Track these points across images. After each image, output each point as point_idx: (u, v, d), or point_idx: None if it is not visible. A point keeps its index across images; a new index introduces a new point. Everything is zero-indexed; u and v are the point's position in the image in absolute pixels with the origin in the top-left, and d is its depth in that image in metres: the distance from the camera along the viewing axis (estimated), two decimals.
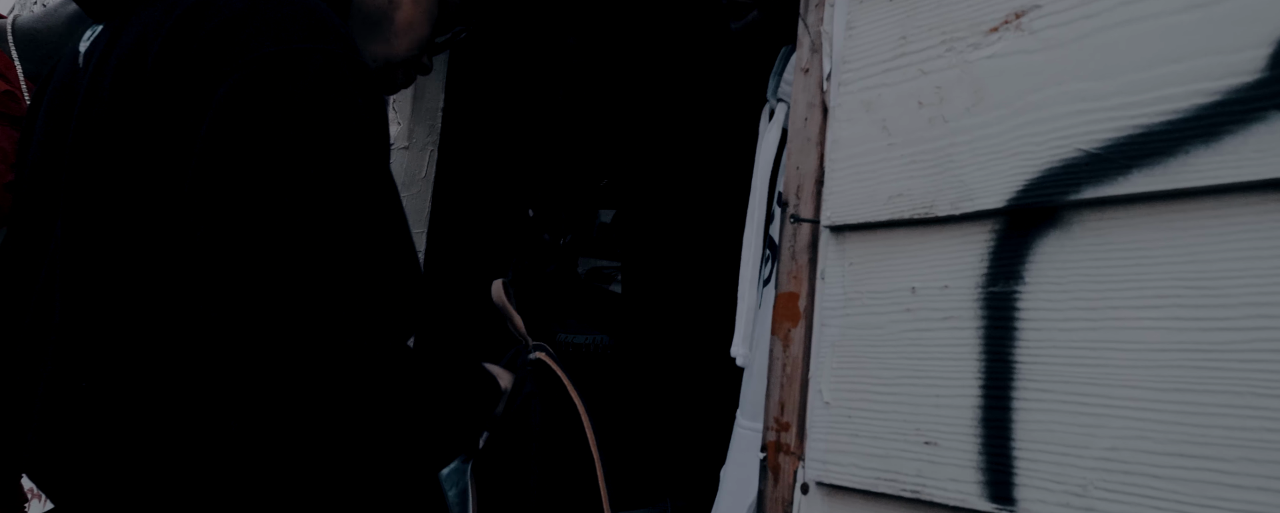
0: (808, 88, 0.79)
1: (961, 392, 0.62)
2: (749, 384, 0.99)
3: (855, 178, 0.72)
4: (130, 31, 0.71)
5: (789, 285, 0.78)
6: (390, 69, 0.91)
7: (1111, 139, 0.56)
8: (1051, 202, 0.58)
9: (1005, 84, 0.63)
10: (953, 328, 0.63)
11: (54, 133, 0.75)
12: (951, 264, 0.64)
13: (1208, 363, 0.50)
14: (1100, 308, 0.55)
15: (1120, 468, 0.53)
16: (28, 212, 0.77)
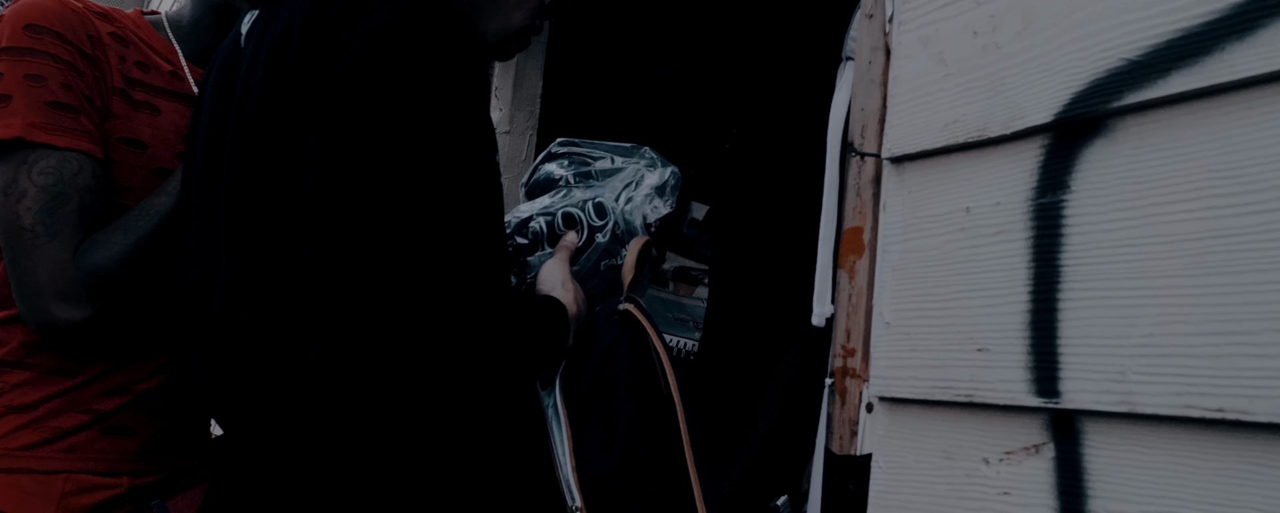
0: (871, 32, 0.84)
1: (1011, 300, 0.65)
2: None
3: (914, 110, 0.76)
4: (281, 15, 0.79)
5: (854, 220, 0.83)
6: (507, 39, 0.98)
7: (1153, 45, 0.59)
8: (1096, 111, 0.61)
9: (1053, 6, 0.66)
10: (1004, 241, 0.67)
11: (219, 107, 0.84)
12: (1003, 182, 0.68)
13: (1238, 247, 0.52)
14: (1139, 207, 0.58)
15: (1156, 352, 0.55)
16: (198, 178, 0.86)
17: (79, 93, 0.92)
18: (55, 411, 0.95)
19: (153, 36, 1.03)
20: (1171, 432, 0.54)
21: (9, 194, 0.89)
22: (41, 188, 0.88)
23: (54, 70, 0.90)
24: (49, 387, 0.95)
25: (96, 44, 0.94)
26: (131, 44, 0.99)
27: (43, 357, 0.95)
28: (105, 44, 0.95)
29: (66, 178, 0.89)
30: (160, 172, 0.99)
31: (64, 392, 0.95)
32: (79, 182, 0.90)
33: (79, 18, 0.93)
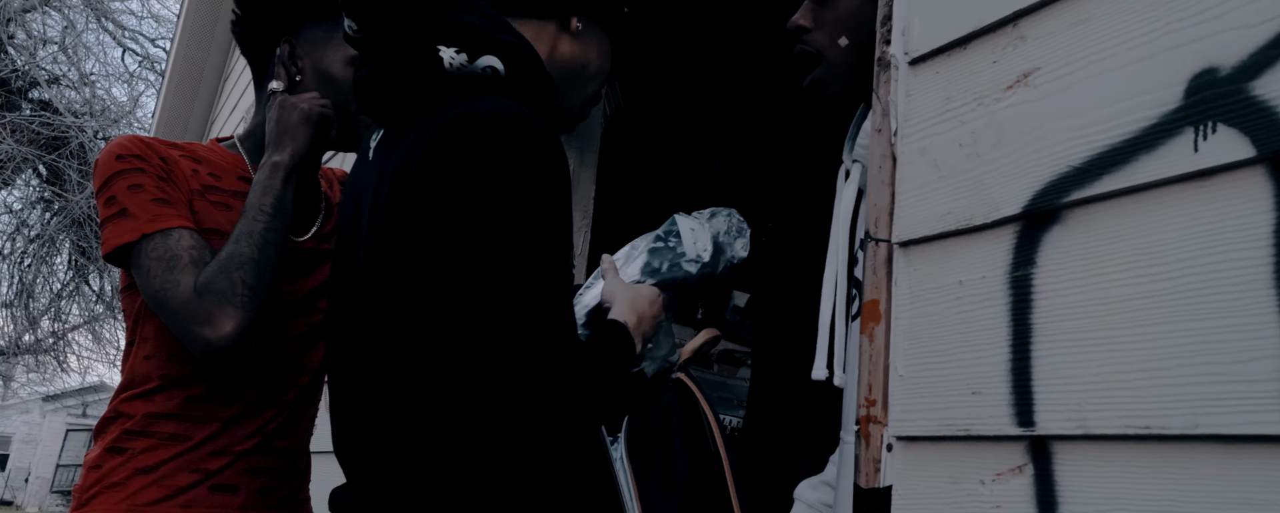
0: (880, 143, 1.04)
1: (997, 352, 0.82)
2: (848, 404, 1.18)
3: (916, 204, 0.95)
4: (404, 142, 0.93)
5: (872, 294, 1.01)
6: (587, 103, 1.15)
7: (1090, 155, 0.78)
8: (1052, 205, 0.80)
9: (1019, 125, 0.86)
10: (989, 306, 0.84)
11: (354, 213, 1.02)
12: (987, 260, 0.86)
13: (1156, 305, 0.70)
14: (1087, 277, 0.76)
15: (1102, 386, 0.72)
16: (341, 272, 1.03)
17: (171, 192, 1.14)
18: (172, 471, 1.13)
19: (222, 154, 1.24)
20: (1115, 448, 0.71)
21: (144, 278, 1.10)
22: (156, 259, 1.09)
23: (148, 179, 1.13)
24: (167, 451, 1.14)
25: (168, 162, 1.16)
26: (203, 161, 1.21)
27: (162, 425, 1.14)
28: (177, 162, 1.18)
29: (172, 245, 1.10)
30: None
31: (178, 454, 1.14)
32: (182, 244, 1.10)
33: (149, 146, 1.16)
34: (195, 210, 1.17)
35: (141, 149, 1.15)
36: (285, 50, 1.24)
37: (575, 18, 1.08)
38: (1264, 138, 0.66)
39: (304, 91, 1.24)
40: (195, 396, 1.15)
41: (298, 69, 1.24)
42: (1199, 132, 0.70)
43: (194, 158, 1.21)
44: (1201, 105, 0.70)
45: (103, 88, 10.05)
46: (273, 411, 1.20)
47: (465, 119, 0.88)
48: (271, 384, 1.20)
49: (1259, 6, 0.68)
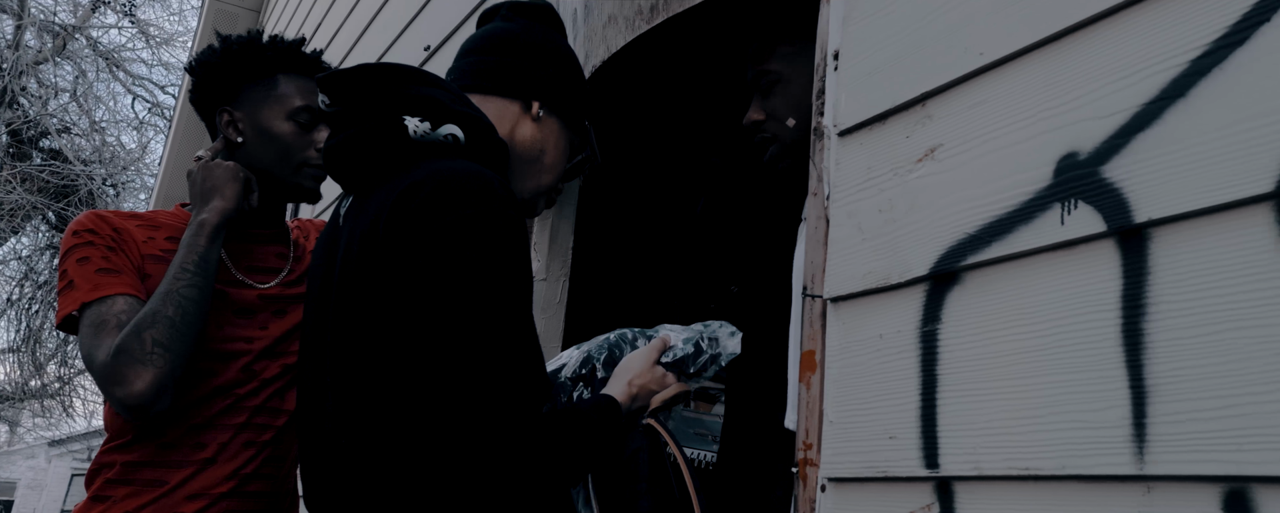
0: (815, 206, 1.14)
1: (909, 400, 0.91)
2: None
3: (844, 263, 1.05)
4: (371, 204, 1.00)
5: (809, 345, 1.10)
6: (538, 195, 1.21)
7: (980, 225, 0.88)
8: (952, 267, 0.90)
9: (928, 194, 0.96)
10: (904, 357, 0.94)
11: (324, 275, 1.09)
12: (902, 315, 0.95)
13: (1032, 359, 0.79)
14: (981, 333, 0.85)
15: (992, 432, 0.81)
16: (311, 327, 1.11)
17: (117, 261, 1.23)
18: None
19: (182, 216, 1.34)
20: (1003, 487, 0.80)
21: (80, 343, 1.21)
22: (88, 325, 1.19)
23: (95, 251, 1.23)
24: (145, 496, 1.22)
25: (120, 233, 1.26)
26: (161, 227, 1.30)
27: (141, 473, 1.23)
28: (130, 232, 1.27)
29: (104, 311, 1.19)
30: None
31: (155, 499, 1.22)
32: (114, 309, 1.19)
33: (102, 220, 1.26)
34: (147, 274, 1.25)
35: (94, 223, 1.25)
36: (223, 118, 1.34)
37: (537, 103, 1.16)
38: (1112, 215, 0.75)
39: (249, 151, 1.34)
40: (169, 442, 1.23)
41: (238, 131, 1.33)
42: (1064, 207, 0.80)
43: (152, 226, 1.30)
44: (1066, 184, 0.80)
45: (112, 135, 10.27)
46: (249, 453, 1.27)
47: (429, 179, 0.97)
48: (246, 427, 1.28)
49: (1112, 100, 0.78)
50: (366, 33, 3.13)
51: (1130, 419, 0.71)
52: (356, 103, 1.07)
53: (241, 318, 1.29)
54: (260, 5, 5.39)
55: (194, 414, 1.25)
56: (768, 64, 1.36)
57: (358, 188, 1.11)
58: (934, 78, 0.97)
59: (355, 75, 1.07)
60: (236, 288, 1.30)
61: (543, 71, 1.18)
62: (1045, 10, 0.86)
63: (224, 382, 1.26)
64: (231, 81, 1.33)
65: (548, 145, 1.18)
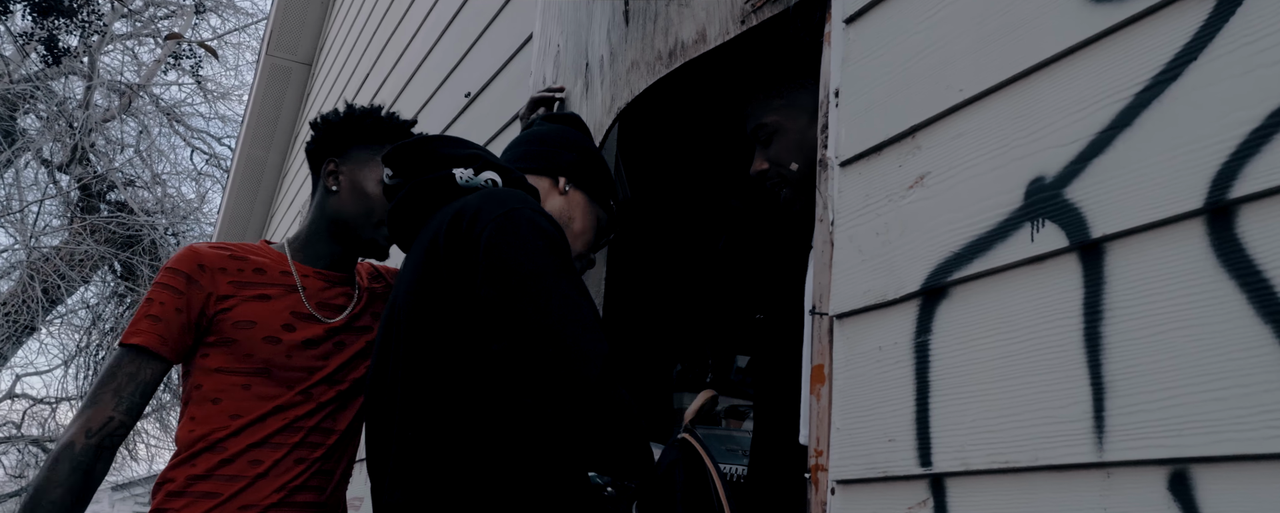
0: (821, 231, 1.24)
1: (905, 405, 1.00)
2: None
3: (846, 283, 1.14)
4: (427, 233, 1.22)
5: (818, 359, 1.19)
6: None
7: (963, 243, 0.97)
8: (940, 283, 0.99)
9: (918, 218, 1.05)
10: (901, 367, 1.02)
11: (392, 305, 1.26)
12: (898, 328, 1.04)
13: (1010, 363, 0.88)
14: (965, 342, 0.94)
15: (976, 429, 0.90)
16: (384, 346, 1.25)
17: (168, 308, 1.38)
18: None
19: (268, 252, 1.49)
20: (987, 480, 0.88)
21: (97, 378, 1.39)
22: (106, 368, 1.37)
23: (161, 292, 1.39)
24: (200, 506, 1.36)
25: (204, 268, 1.40)
26: (247, 260, 1.45)
27: (198, 485, 1.37)
28: (214, 265, 1.41)
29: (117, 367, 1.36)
30: (270, 339, 1.41)
31: (210, 510, 1.36)
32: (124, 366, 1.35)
33: (194, 256, 1.41)
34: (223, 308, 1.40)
35: (181, 263, 1.41)
36: (328, 167, 1.51)
37: (563, 178, 1.38)
38: (1074, 231, 0.84)
39: (340, 200, 1.50)
40: (227, 458, 1.37)
41: (336, 182, 1.50)
42: (1034, 225, 0.89)
43: (240, 258, 1.45)
44: (1035, 205, 0.89)
45: (173, 186, 10.76)
46: (299, 468, 1.40)
47: (478, 198, 1.17)
48: (300, 445, 1.41)
49: (1071, 129, 0.88)
50: (411, 82, 3.32)
51: (1091, 413, 0.79)
52: (416, 168, 1.26)
53: (309, 349, 1.43)
54: (312, 59, 5.68)
55: (253, 433, 1.38)
56: (764, 118, 1.48)
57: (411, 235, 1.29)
58: (921, 112, 1.07)
59: (412, 148, 1.28)
60: (309, 322, 1.44)
61: (566, 156, 1.40)
62: (1013, 50, 0.95)
63: (283, 403, 1.40)
64: (345, 140, 1.52)
65: (576, 214, 1.38)
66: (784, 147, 1.46)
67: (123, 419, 1.34)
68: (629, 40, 1.69)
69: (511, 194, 1.16)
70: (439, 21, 3.09)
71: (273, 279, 1.45)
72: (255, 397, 1.39)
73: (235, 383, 1.39)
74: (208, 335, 1.40)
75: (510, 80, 2.37)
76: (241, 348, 1.39)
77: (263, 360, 1.39)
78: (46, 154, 9.78)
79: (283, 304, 1.43)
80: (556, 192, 1.37)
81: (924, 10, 1.09)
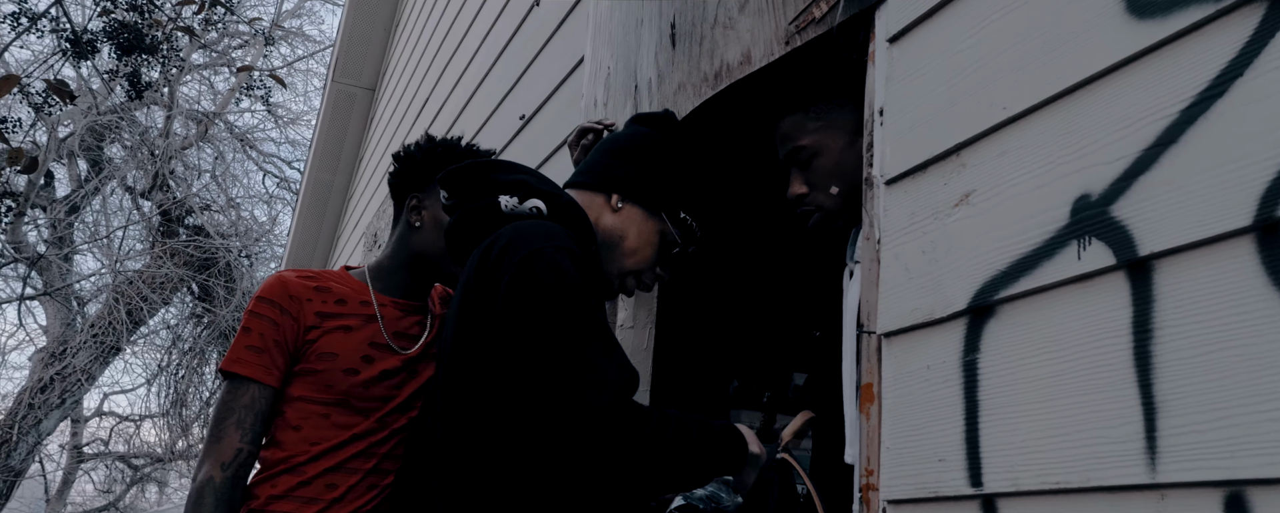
0: (868, 250, 1.24)
1: (954, 425, 1.00)
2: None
3: (894, 301, 1.14)
4: (466, 270, 1.28)
5: (867, 378, 1.19)
6: (624, 276, 1.39)
7: (1010, 261, 0.96)
8: (987, 301, 0.98)
9: (963, 236, 1.05)
10: (949, 386, 1.02)
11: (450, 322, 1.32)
12: (946, 347, 1.04)
13: (1059, 383, 0.87)
14: (1013, 360, 0.93)
15: (1026, 450, 0.89)
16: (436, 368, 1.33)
17: (267, 340, 1.44)
18: None
19: (348, 281, 1.54)
20: (1039, 501, 0.87)
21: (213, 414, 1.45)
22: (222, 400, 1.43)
23: (258, 322, 1.45)
24: None
25: (293, 299, 1.46)
26: (330, 290, 1.51)
27: (278, 505, 1.42)
28: (302, 296, 1.47)
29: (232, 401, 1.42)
30: (350, 370, 1.46)
31: None
32: (240, 401, 1.41)
33: (282, 287, 1.47)
34: (308, 340, 1.46)
35: (272, 294, 1.47)
36: (412, 202, 1.56)
37: (615, 195, 1.37)
38: (1121, 249, 0.83)
39: (423, 236, 1.54)
40: (304, 480, 1.42)
41: (419, 217, 1.55)
42: (1080, 243, 0.88)
43: (323, 289, 1.51)
44: (1081, 223, 0.88)
45: (246, 210, 11.19)
46: (372, 494, 1.46)
47: (506, 232, 1.22)
48: (373, 472, 1.46)
49: (1117, 146, 0.87)
50: (469, 106, 3.40)
51: (1143, 434, 0.78)
52: (467, 192, 1.31)
53: (385, 380, 1.48)
54: (375, 84, 5.86)
55: (330, 458, 1.44)
56: (801, 140, 1.44)
57: (465, 258, 1.34)
58: (965, 130, 1.07)
59: (464, 171, 1.32)
60: (386, 354, 1.49)
61: (625, 168, 1.38)
62: (1057, 67, 0.95)
63: (361, 431, 1.46)
64: (428, 174, 1.55)
65: (628, 232, 1.37)
66: (824, 170, 1.43)
67: (250, 449, 1.41)
68: (676, 63, 1.72)
69: (540, 231, 1.18)
70: (495, 47, 3.18)
71: (353, 310, 1.50)
72: (334, 425, 1.45)
73: (315, 412, 1.45)
74: (295, 364, 1.46)
75: (563, 102, 2.42)
76: (323, 379, 1.45)
77: (342, 392, 1.45)
78: (130, 182, 10.27)
79: (362, 335, 1.48)
80: (608, 208, 1.37)
81: (967, 28, 1.09)
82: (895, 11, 1.23)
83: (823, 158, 1.43)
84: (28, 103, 8.55)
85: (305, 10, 14.15)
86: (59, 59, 7.19)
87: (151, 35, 7.43)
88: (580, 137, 1.89)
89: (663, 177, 1.39)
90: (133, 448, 11.62)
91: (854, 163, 1.43)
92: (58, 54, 7.08)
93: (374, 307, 1.52)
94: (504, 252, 1.17)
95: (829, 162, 1.43)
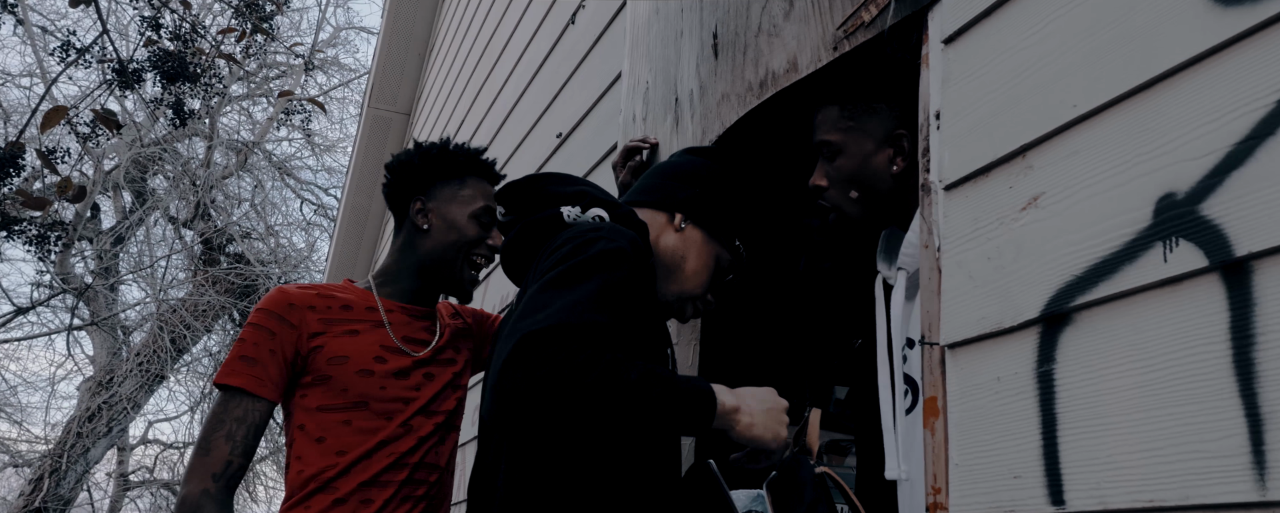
0: (928, 258, 1.19)
1: (1030, 439, 0.94)
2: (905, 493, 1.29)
3: (957, 311, 1.09)
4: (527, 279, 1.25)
5: (930, 392, 1.14)
6: (682, 301, 1.35)
7: (1086, 266, 0.91)
8: (1063, 309, 0.93)
9: (1033, 241, 1.00)
10: (1022, 399, 0.97)
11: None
12: (1017, 357, 0.99)
13: (1150, 394, 0.81)
14: (1095, 369, 0.88)
15: (1115, 467, 0.83)
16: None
17: (262, 350, 1.41)
18: None
19: (354, 290, 1.53)
20: None
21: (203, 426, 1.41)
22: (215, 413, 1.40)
23: (254, 332, 1.42)
24: None
25: (293, 307, 1.44)
26: (334, 298, 1.49)
27: None
28: (303, 304, 1.45)
29: (225, 412, 1.38)
30: (364, 372, 1.43)
31: None
32: (233, 413, 1.38)
33: (283, 298, 1.45)
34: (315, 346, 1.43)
35: (271, 304, 1.45)
36: (416, 206, 1.54)
37: (679, 215, 1.33)
38: (1214, 250, 0.78)
39: (432, 238, 1.52)
40: (340, 497, 1.40)
41: (426, 220, 1.53)
42: (1166, 245, 0.83)
43: (327, 296, 1.49)
44: (1166, 223, 0.83)
45: (284, 236, 11.38)
46: (407, 506, 1.42)
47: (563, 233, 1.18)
48: (407, 483, 1.43)
49: (1204, 142, 0.82)
50: (505, 126, 3.41)
51: (1248, 448, 0.72)
52: (526, 205, 1.28)
53: (401, 380, 1.46)
54: (410, 109, 5.91)
55: (361, 470, 1.41)
56: (828, 135, 1.39)
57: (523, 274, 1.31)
58: (1031, 131, 1.02)
59: (522, 185, 1.30)
60: (397, 355, 1.48)
61: (689, 190, 1.35)
62: (1130, 62, 0.90)
63: (386, 437, 1.43)
64: (426, 178, 1.54)
65: (690, 254, 1.33)
66: (845, 171, 1.38)
67: (240, 462, 1.38)
68: (718, 73, 1.69)
69: (601, 227, 1.17)
70: (530, 66, 3.18)
71: (359, 315, 1.49)
72: (357, 431, 1.42)
73: (336, 420, 1.42)
74: (303, 375, 1.44)
75: (600, 119, 2.40)
76: (337, 383, 1.43)
77: (359, 394, 1.42)
78: (173, 211, 10.48)
79: (371, 338, 1.47)
80: (671, 228, 1.34)
81: (1028, 27, 1.05)
82: (950, 12, 1.19)
83: (845, 159, 1.38)
84: (74, 134, 8.78)
85: (341, 40, 14.42)
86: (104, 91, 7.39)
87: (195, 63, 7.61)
88: (627, 157, 1.86)
89: (727, 202, 1.37)
90: (176, 476, 11.77)
91: (876, 171, 1.38)
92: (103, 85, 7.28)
93: (381, 312, 1.51)
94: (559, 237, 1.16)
95: (851, 164, 1.37)
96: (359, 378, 1.43)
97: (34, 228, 8.33)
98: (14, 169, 6.73)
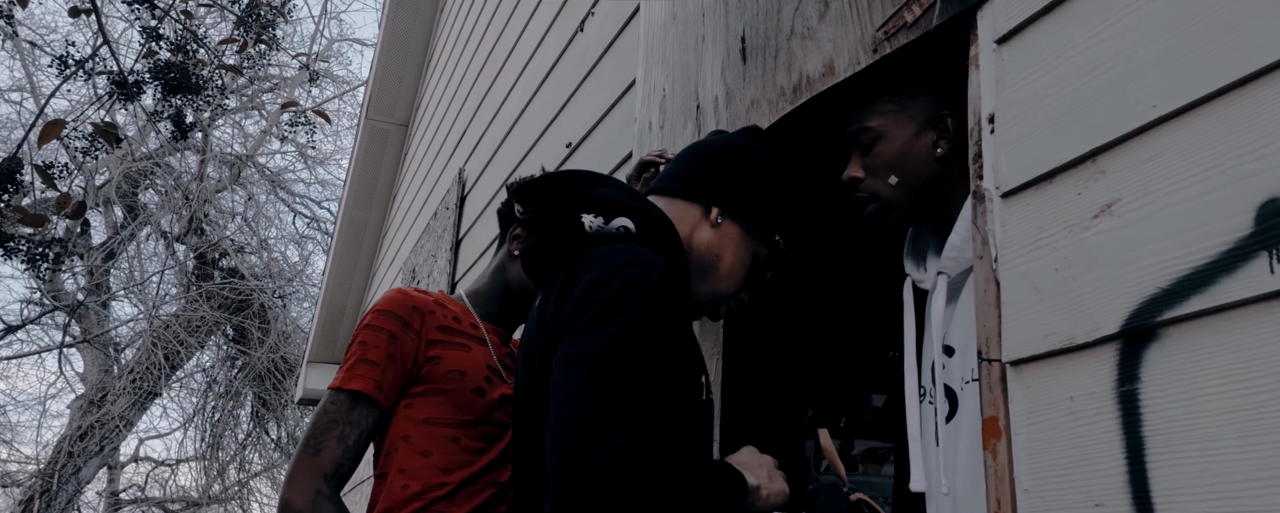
0: (983, 269, 1.13)
1: (1113, 465, 0.87)
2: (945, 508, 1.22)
3: (1021, 326, 1.02)
4: (552, 286, 1.15)
5: (990, 411, 1.07)
6: (716, 301, 1.25)
7: (1174, 278, 0.85)
8: (1147, 324, 0.87)
9: (1108, 250, 0.93)
10: (1101, 420, 0.90)
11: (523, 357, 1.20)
12: (1093, 376, 0.92)
13: (1258, 417, 0.75)
14: (1190, 390, 0.81)
15: (1217, 496, 0.76)
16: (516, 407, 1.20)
17: (381, 353, 1.33)
18: None
19: (455, 304, 1.47)
20: None
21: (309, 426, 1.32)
22: (324, 409, 1.31)
23: (374, 336, 1.34)
24: None
25: (416, 310, 1.37)
26: (447, 307, 1.43)
27: None
28: (425, 308, 1.38)
29: (342, 410, 1.30)
30: (478, 391, 1.36)
31: None
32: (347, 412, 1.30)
33: (404, 300, 1.38)
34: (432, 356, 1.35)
35: (392, 305, 1.37)
36: (515, 231, 1.51)
37: (716, 209, 1.23)
38: None
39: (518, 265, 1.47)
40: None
41: (517, 246, 1.49)
42: (1272, 255, 0.76)
43: (442, 304, 1.43)
44: (1272, 231, 0.77)
45: (278, 250, 11.26)
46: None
47: (590, 255, 1.06)
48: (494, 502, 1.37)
49: None
50: (509, 136, 3.34)
51: None
52: (544, 208, 1.17)
53: (504, 406, 1.40)
54: (408, 120, 5.85)
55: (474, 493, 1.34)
56: (867, 121, 1.33)
57: (547, 283, 1.21)
58: (1102, 133, 0.96)
59: (541, 183, 1.18)
60: (498, 378, 1.42)
61: (728, 180, 1.24)
62: (1222, 58, 0.84)
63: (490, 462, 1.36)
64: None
65: (726, 252, 1.23)
66: (885, 157, 1.31)
67: (349, 467, 1.30)
68: (747, 78, 1.62)
69: (625, 253, 1.04)
70: (536, 75, 3.12)
71: (466, 330, 1.43)
72: (464, 450, 1.35)
73: (445, 435, 1.34)
74: (415, 385, 1.35)
75: (612, 127, 2.34)
76: (454, 398, 1.35)
77: (476, 412, 1.36)
78: (165, 227, 10.37)
79: (479, 356, 1.41)
80: (707, 223, 1.23)
81: (1096, 23, 0.99)
82: (1003, 10, 1.13)
83: (886, 143, 1.31)
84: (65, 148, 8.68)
85: (334, 52, 14.37)
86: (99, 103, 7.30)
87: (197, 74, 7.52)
88: (641, 171, 1.80)
89: (770, 195, 1.27)
90: (168, 493, 11.59)
91: (918, 156, 1.32)
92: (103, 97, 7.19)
93: (482, 330, 1.45)
94: (582, 275, 1.03)
95: (891, 149, 1.30)
96: (474, 396, 1.37)
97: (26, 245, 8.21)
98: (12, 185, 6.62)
